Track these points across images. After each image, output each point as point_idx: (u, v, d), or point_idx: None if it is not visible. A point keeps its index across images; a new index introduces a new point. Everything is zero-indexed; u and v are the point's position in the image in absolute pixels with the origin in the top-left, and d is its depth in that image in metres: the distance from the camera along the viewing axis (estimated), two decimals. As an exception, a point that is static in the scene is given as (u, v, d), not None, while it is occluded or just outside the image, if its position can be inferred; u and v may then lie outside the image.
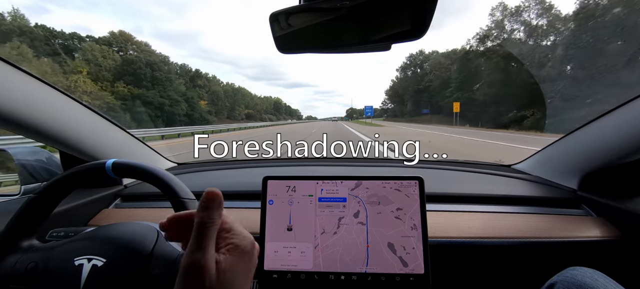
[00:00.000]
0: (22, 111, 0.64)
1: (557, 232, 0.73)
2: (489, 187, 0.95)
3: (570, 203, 0.85)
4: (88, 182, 0.57)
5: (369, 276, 0.61)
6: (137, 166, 0.56)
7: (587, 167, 0.82)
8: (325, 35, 0.51)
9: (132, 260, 0.49)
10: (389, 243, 0.62)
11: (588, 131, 0.81)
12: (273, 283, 0.62)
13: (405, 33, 0.46)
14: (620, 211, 0.73)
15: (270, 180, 0.68)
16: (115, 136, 0.95)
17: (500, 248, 0.71)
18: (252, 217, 0.77)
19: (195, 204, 0.54)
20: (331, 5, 0.44)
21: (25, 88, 0.65)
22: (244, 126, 27.69)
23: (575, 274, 0.52)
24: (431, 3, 0.41)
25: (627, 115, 0.69)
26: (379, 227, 0.63)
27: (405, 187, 0.65)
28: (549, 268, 0.61)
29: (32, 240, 0.54)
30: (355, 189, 0.66)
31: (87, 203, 0.86)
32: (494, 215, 0.80)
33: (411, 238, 0.62)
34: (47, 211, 0.55)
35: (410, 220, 0.63)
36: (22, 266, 0.49)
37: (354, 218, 0.65)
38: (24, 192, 0.80)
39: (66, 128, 0.76)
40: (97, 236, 0.53)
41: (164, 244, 0.53)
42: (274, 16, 0.47)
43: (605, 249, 0.71)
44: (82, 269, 0.47)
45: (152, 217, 0.82)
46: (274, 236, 0.64)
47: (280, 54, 0.54)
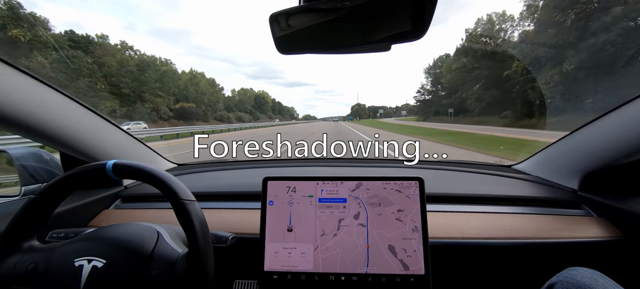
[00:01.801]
0: (22, 111, 0.64)
1: (557, 232, 0.73)
2: (489, 188, 0.95)
3: (571, 203, 0.85)
4: (88, 183, 0.57)
5: (370, 277, 0.61)
6: (137, 167, 0.56)
7: (587, 167, 0.81)
8: (325, 36, 0.51)
9: (132, 261, 0.49)
10: (390, 245, 0.62)
11: (588, 131, 0.81)
12: (273, 283, 0.62)
13: (405, 33, 0.46)
14: (621, 211, 0.73)
15: (270, 181, 0.68)
16: (115, 136, 0.95)
17: (500, 248, 0.71)
18: (253, 218, 0.77)
19: (195, 206, 0.54)
20: (331, 5, 0.44)
21: (26, 89, 0.65)
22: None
23: (575, 274, 0.52)
24: (431, 3, 0.41)
25: (628, 115, 0.69)
26: (380, 229, 0.63)
27: (405, 188, 0.65)
28: (549, 268, 0.61)
29: (33, 241, 0.54)
30: (356, 190, 0.66)
31: (88, 204, 0.86)
32: (494, 216, 0.80)
33: (412, 240, 0.62)
34: (48, 212, 0.56)
35: (412, 222, 0.63)
36: (23, 267, 0.49)
37: (354, 219, 0.65)
38: (25, 194, 0.80)
39: (66, 129, 0.76)
40: (97, 237, 0.53)
41: (164, 245, 0.53)
42: (273, 17, 0.47)
43: (605, 249, 0.71)
44: (82, 270, 0.47)
45: (153, 218, 0.82)
46: (274, 236, 0.64)
47: (279, 53, 0.54)
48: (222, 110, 56.25)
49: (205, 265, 0.50)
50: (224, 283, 0.79)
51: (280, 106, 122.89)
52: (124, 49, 38.47)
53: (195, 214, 0.52)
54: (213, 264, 0.52)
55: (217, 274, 0.54)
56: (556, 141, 0.95)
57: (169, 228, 0.60)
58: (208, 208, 0.85)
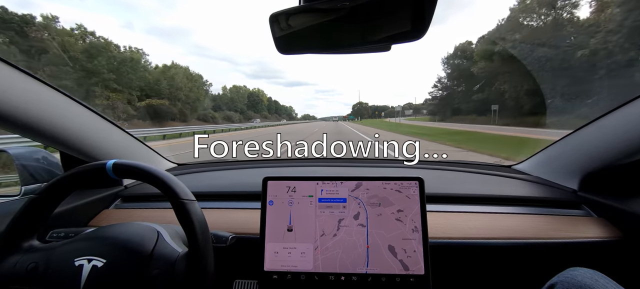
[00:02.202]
0: (22, 111, 0.64)
1: (557, 233, 0.73)
2: (489, 188, 0.95)
3: (571, 204, 0.85)
4: (88, 183, 0.58)
5: (369, 277, 0.61)
6: (137, 166, 0.56)
7: (587, 167, 0.81)
8: (325, 36, 0.51)
9: (132, 261, 0.49)
10: (390, 246, 0.62)
11: (588, 131, 0.81)
12: (273, 283, 0.63)
13: (405, 33, 0.46)
14: (621, 211, 0.73)
15: (270, 181, 0.68)
16: (115, 136, 0.95)
17: (500, 248, 0.71)
18: (253, 218, 0.77)
19: (195, 205, 0.54)
20: (331, 6, 0.44)
21: (26, 88, 0.65)
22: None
23: (576, 274, 0.52)
24: (430, 3, 0.41)
25: (628, 115, 0.69)
26: (380, 229, 0.63)
27: (405, 188, 0.65)
28: (549, 268, 0.61)
29: (33, 240, 0.54)
30: (356, 190, 0.66)
31: (88, 204, 0.86)
32: (494, 216, 0.80)
33: (412, 240, 0.62)
34: (48, 211, 0.56)
35: (412, 222, 0.63)
36: (23, 267, 0.49)
37: (354, 219, 0.64)
38: (25, 193, 0.80)
39: (66, 128, 0.76)
40: (97, 237, 0.53)
41: (164, 245, 0.53)
42: (273, 17, 0.47)
43: (606, 249, 0.71)
44: (82, 269, 0.47)
45: (153, 218, 0.82)
46: (274, 236, 0.64)
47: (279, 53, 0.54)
48: (207, 108, 47.45)
49: (205, 265, 0.50)
50: (223, 283, 0.79)
51: (277, 105, 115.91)
52: (82, 35, 30.50)
53: (195, 214, 0.53)
54: (213, 264, 0.52)
55: (217, 274, 0.54)
56: (556, 141, 0.95)
57: (169, 227, 0.60)
58: (208, 208, 0.85)
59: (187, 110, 39.48)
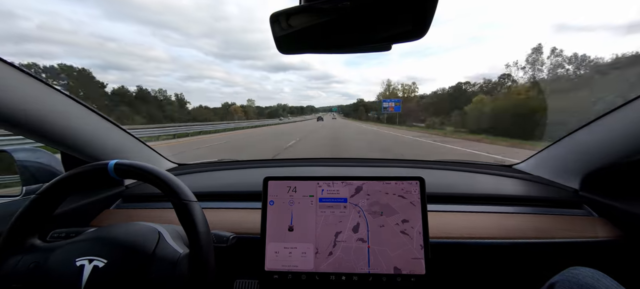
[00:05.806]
0: (23, 111, 0.64)
1: (558, 232, 0.73)
2: (490, 188, 0.95)
3: (572, 203, 0.84)
4: (90, 183, 0.58)
5: (370, 277, 0.61)
6: (139, 167, 0.56)
7: (588, 167, 0.81)
8: (325, 36, 0.51)
9: (133, 261, 0.49)
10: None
11: (589, 131, 0.81)
12: (274, 283, 0.63)
13: (406, 33, 0.46)
14: (622, 211, 0.73)
15: (270, 180, 0.68)
16: (116, 136, 0.95)
17: (501, 248, 0.71)
18: (253, 218, 0.77)
19: (196, 206, 0.54)
20: (332, 5, 0.44)
21: (27, 89, 0.65)
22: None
23: (577, 274, 0.52)
24: (432, 3, 0.41)
25: (629, 114, 0.69)
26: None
27: (408, 192, 0.64)
28: (550, 268, 0.60)
29: (34, 240, 0.54)
30: (355, 196, 0.65)
31: (89, 204, 0.86)
32: (494, 215, 0.80)
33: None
34: (49, 211, 0.56)
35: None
36: (24, 266, 0.49)
37: (353, 233, 0.62)
38: (26, 193, 0.80)
39: (68, 129, 0.77)
40: (98, 237, 0.53)
41: (165, 245, 0.53)
42: (274, 17, 0.47)
43: (606, 249, 0.71)
44: (84, 270, 0.47)
45: (154, 218, 0.82)
46: (275, 236, 0.64)
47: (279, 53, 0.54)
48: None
49: (207, 265, 0.50)
50: (224, 283, 0.80)
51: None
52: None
53: (196, 214, 0.53)
54: (214, 264, 0.52)
55: (218, 273, 0.54)
56: (557, 141, 0.95)
57: (170, 228, 0.60)
58: (209, 208, 0.85)
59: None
